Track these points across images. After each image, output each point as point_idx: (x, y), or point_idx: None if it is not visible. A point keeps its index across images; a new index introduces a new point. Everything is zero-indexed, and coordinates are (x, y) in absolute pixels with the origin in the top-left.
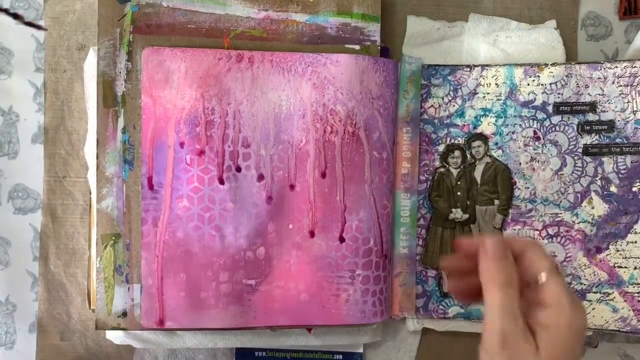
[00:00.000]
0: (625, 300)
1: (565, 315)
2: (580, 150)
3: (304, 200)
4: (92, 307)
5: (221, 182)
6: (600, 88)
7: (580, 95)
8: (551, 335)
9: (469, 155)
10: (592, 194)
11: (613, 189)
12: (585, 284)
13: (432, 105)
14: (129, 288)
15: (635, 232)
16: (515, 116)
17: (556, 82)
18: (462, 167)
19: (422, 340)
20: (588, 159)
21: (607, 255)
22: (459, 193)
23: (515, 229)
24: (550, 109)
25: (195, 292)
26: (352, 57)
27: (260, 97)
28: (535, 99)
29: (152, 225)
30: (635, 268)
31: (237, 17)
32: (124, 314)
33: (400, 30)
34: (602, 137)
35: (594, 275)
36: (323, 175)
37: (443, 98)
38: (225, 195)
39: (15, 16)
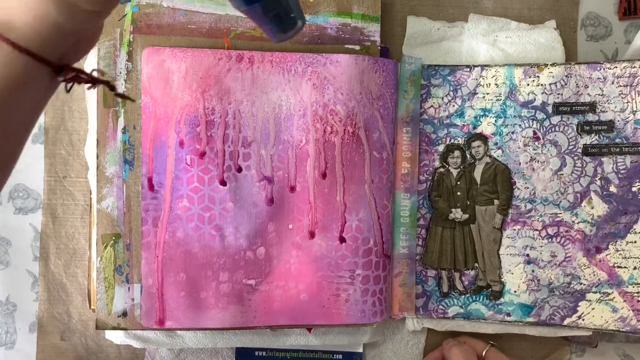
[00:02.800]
0: (624, 300)
1: None
2: (579, 150)
3: (304, 201)
4: (92, 307)
5: (221, 182)
6: (600, 88)
7: (579, 95)
8: None
9: (468, 155)
10: (592, 194)
11: (613, 189)
12: (584, 284)
13: (432, 106)
14: (129, 288)
15: (635, 232)
16: (514, 116)
17: (556, 82)
18: (461, 167)
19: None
20: (588, 159)
21: (606, 255)
22: (458, 193)
23: (515, 229)
24: (549, 109)
25: (195, 292)
26: (352, 57)
27: (261, 97)
28: (534, 99)
29: (152, 225)
30: (634, 268)
31: (237, 17)
32: (124, 313)
33: (400, 31)
34: (601, 137)
35: (594, 275)
36: (323, 175)
37: (443, 98)
38: (226, 195)
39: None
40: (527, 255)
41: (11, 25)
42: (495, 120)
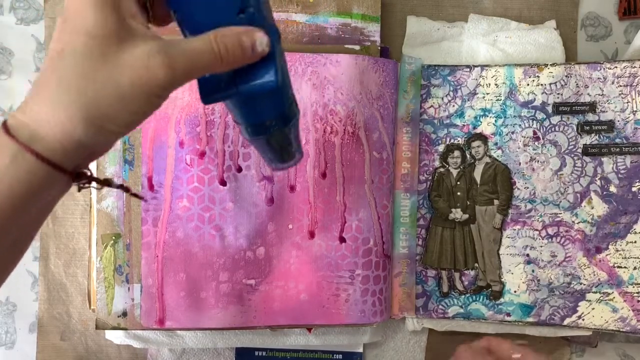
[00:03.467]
0: (624, 300)
1: None
2: (579, 150)
3: (304, 201)
4: (92, 307)
5: (221, 182)
6: (600, 88)
7: (579, 95)
8: None
9: (468, 156)
10: (592, 194)
11: (612, 189)
12: (585, 284)
13: (431, 106)
14: (129, 288)
15: (635, 232)
16: (514, 116)
17: (556, 82)
18: (461, 167)
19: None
20: (587, 159)
21: (606, 255)
22: (458, 193)
23: (515, 229)
24: (549, 109)
25: (195, 292)
26: (352, 57)
27: None
28: (534, 99)
29: (152, 225)
30: (634, 268)
31: None
32: (124, 313)
33: (400, 31)
34: (601, 137)
35: (594, 275)
36: (323, 175)
37: (443, 98)
38: (225, 195)
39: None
40: (527, 255)
41: (39, 137)
42: (495, 120)
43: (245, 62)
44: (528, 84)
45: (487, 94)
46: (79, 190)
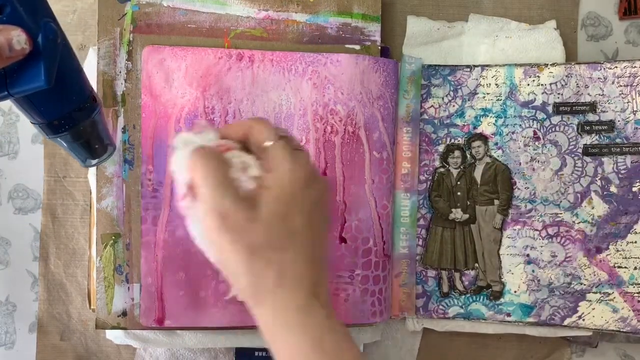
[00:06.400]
0: (625, 301)
1: (284, 167)
2: (580, 150)
3: None
4: (92, 307)
5: None
6: (600, 88)
7: (580, 95)
8: (272, 191)
9: (469, 156)
10: (592, 194)
11: (613, 189)
12: (585, 284)
13: (432, 106)
14: (128, 287)
15: (635, 232)
16: (515, 116)
17: (556, 82)
18: (462, 167)
19: (422, 340)
20: (588, 159)
21: (607, 255)
22: (459, 193)
23: (515, 229)
24: (550, 109)
25: (194, 291)
26: (352, 57)
27: (261, 97)
28: (535, 99)
29: (152, 225)
30: (635, 268)
31: (238, 17)
32: (124, 313)
33: (400, 30)
34: (602, 137)
35: (594, 275)
36: (323, 174)
37: (443, 98)
38: None
39: None
40: (528, 255)
41: None
42: (496, 120)
43: (6, 62)
44: (528, 84)
45: (488, 93)
46: None
